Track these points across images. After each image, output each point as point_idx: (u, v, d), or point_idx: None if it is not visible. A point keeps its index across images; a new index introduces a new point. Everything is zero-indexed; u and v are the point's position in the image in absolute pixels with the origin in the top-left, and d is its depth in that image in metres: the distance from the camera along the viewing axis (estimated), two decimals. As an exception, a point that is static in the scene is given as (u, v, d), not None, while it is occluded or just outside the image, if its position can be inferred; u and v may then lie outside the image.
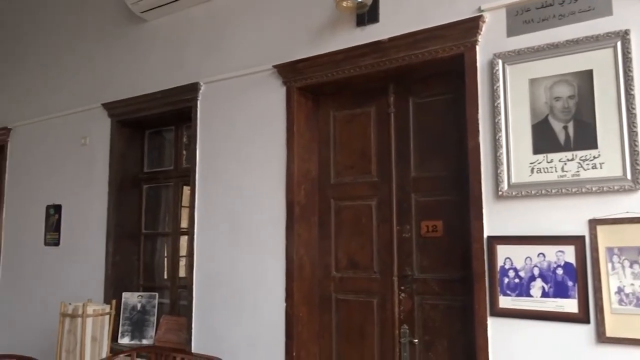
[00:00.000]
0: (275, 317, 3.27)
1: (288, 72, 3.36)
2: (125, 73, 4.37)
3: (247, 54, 3.63)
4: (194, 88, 3.83)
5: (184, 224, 4.26)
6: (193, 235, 3.76)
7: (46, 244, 4.77)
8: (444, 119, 3.05)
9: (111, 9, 4.58)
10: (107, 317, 3.84)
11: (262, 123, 3.50)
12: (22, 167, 5.17)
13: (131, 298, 4.24)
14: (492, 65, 2.66)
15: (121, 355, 3.88)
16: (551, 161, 2.47)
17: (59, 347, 3.75)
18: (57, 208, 4.71)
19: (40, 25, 5.25)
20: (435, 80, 3.08)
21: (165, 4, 3.97)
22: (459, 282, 2.90)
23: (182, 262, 4.22)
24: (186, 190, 4.27)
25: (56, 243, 4.70)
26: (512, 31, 2.64)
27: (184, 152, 4.31)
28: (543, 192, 2.46)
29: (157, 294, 4.25)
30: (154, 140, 4.57)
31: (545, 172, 2.48)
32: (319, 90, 3.44)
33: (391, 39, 2.96)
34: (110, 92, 4.40)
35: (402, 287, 3.10)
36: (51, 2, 5.21)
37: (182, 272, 4.22)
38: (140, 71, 4.27)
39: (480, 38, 2.72)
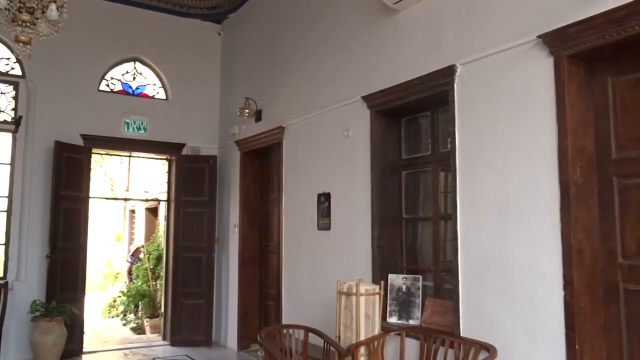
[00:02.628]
0: (553, 305, 3.05)
1: (555, 40, 3.08)
2: (381, 65, 4.57)
3: (506, 27, 3.44)
4: (450, 71, 3.79)
5: (443, 208, 4.27)
6: (456, 219, 3.74)
7: (319, 228, 5.30)
8: None
9: (364, 6, 4.83)
10: (377, 296, 4.08)
11: (526, 99, 3.29)
12: (295, 160, 5.85)
13: (396, 280, 4.44)
14: None
15: (392, 334, 4.10)
16: None
17: (338, 321, 4.12)
18: (327, 196, 5.19)
19: (302, 32, 5.84)
20: None
21: (417, -9, 4.03)
22: None
23: (445, 246, 4.24)
24: (443, 174, 4.28)
25: (327, 228, 5.18)
26: None
27: (441, 137, 4.31)
28: None
29: (420, 276, 4.36)
30: (410, 127, 4.68)
31: None
32: (594, 56, 3.06)
33: (693, -19, 2.47)
34: (369, 85, 4.65)
35: None
36: (308, 10, 5.75)
37: (445, 256, 4.24)
38: (395, 61, 4.41)
39: None
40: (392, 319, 4.34)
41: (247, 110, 6.52)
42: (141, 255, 10.61)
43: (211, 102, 7.79)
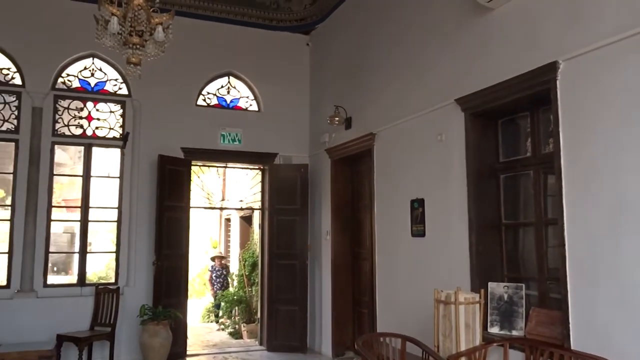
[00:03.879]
0: (679, 318, 2.78)
1: (674, 28, 2.83)
2: (474, 66, 4.44)
3: (615, 18, 3.21)
4: (552, 68, 3.59)
5: (547, 212, 4.04)
6: (562, 224, 3.52)
7: (413, 235, 5.21)
8: None
9: (455, 7, 4.72)
10: (477, 305, 3.93)
11: (640, 94, 3.04)
12: (387, 167, 5.80)
13: (497, 288, 4.25)
14: None
15: (494, 344, 3.93)
16: None
17: (436, 330, 4.01)
18: (420, 202, 5.10)
19: (391, 37, 5.81)
20: None
21: (512, -13, 3.87)
22: None
23: (550, 253, 4.00)
24: (544, 176, 4.06)
25: (421, 234, 5.08)
26: None
27: (542, 138, 4.09)
28: None
29: (523, 285, 4.14)
30: (508, 129, 4.49)
31: None
32: None
33: None
34: (462, 87, 4.53)
35: None
36: (396, 15, 5.71)
37: (550, 264, 4.01)
38: (489, 61, 4.27)
39: None
40: (494, 329, 4.17)
41: (337, 118, 6.57)
42: (230, 263, 10.92)
43: (301, 112, 7.94)
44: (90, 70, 7.07)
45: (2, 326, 6.14)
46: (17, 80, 6.70)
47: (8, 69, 6.71)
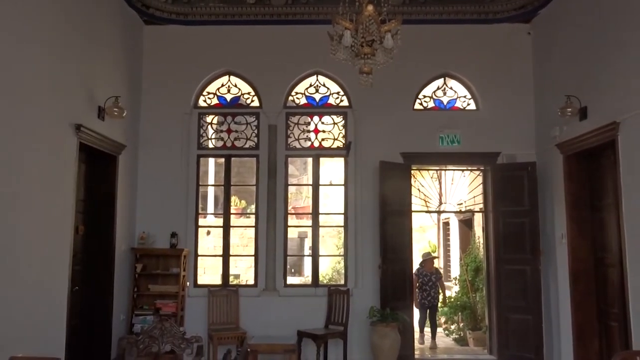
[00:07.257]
0: None
1: None
2: None
3: None
4: None
5: None
6: None
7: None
8: None
9: None
10: None
11: None
12: (636, 160, 5.05)
13: None
14: None
15: None
16: None
17: None
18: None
19: (636, 8, 5.06)
20: None
21: None
22: None
23: None
24: None
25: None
26: None
27: None
28: None
29: None
30: None
31: None
32: None
33: None
34: None
35: None
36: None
37: None
38: None
39: None
40: None
41: (569, 109, 5.95)
42: (445, 266, 10.51)
43: (524, 106, 7.38)
44: (314, 87, 7.61)
45: (253, 320, 6.95)
46: (256, 103, 7.55)
47: (248, 93, 7.60)
